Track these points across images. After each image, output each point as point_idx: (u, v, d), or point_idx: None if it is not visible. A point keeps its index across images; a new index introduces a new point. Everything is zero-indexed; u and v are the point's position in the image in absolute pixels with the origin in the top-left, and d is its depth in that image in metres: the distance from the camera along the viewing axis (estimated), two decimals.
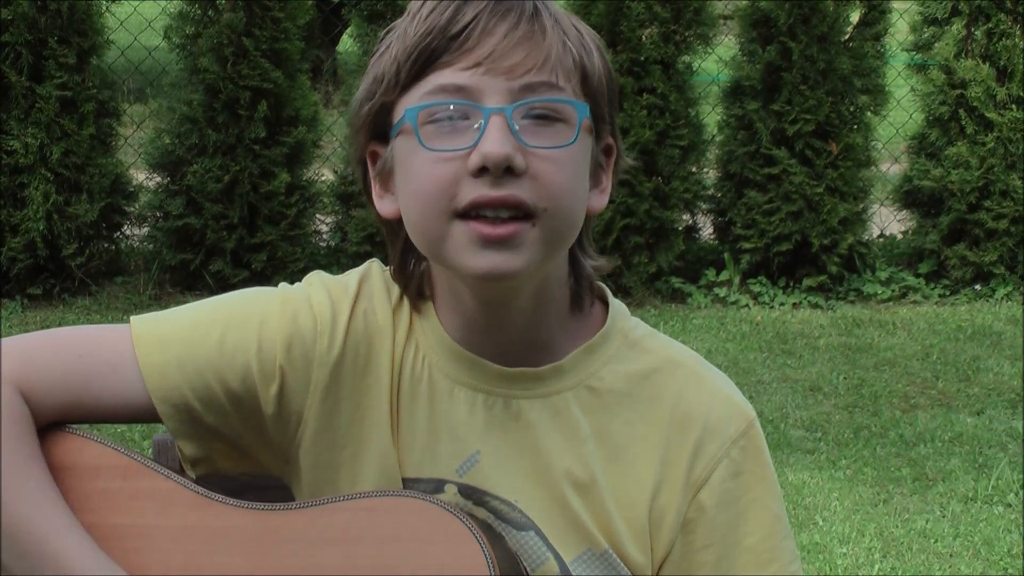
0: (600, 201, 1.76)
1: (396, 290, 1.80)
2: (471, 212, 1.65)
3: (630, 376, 1.78)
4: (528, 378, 1.76)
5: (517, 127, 1.65)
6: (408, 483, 1.75)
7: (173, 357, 1.76)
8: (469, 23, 1.66)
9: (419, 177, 1.68)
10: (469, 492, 1.75)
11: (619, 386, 1.77)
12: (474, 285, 1.71)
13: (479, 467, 1.75)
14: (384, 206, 1.75)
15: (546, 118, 1.66)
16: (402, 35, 1.70)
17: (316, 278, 1.81)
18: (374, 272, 1.82)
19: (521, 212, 1.65)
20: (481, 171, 1.63)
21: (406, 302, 1.80)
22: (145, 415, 1.78)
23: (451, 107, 1.66)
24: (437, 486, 1.75)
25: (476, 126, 1.65)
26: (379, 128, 1.73)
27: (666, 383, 1.78)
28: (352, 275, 1.82)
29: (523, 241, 1.65)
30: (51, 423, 1.78)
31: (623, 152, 1.78)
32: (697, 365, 1.80)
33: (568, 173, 1.67)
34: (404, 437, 1.76)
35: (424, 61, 1.68)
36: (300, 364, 1.75)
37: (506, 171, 1.63)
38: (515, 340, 1.76)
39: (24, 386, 1.75)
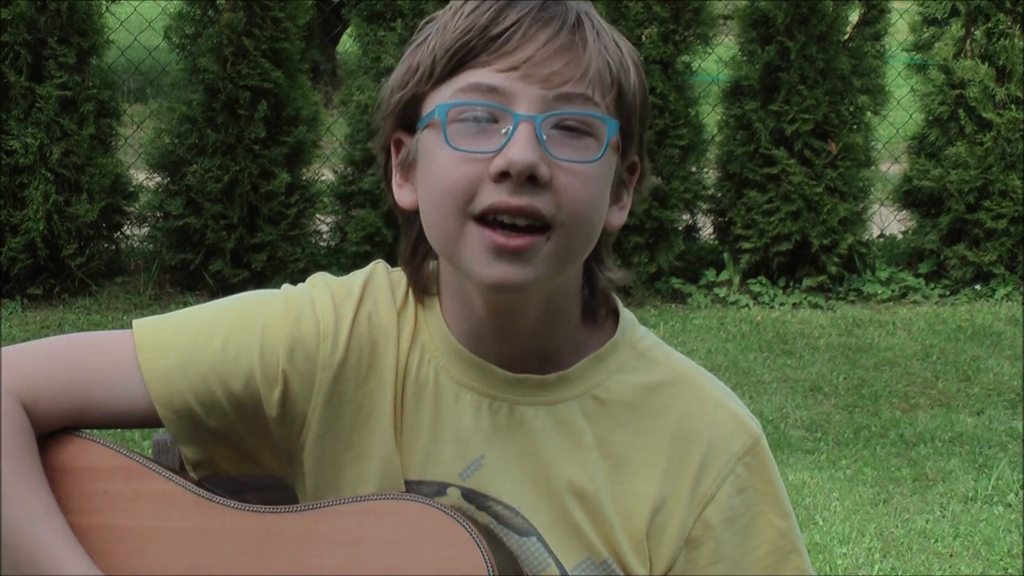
0: (619, 218, 1.75)
1: (401, 292, 1.80)
2: (488, 217, 1.64)
3: (637, 387, 1.77)
4: (533, 385, 1.76)
5: (545, 137, 1.64)
6: (411, 485, 1.75)
7: (175, 362, 1.75)
8: (511, 26, 1.65)
9: (440, 174, 1.67)
10: (472, 496, 1.75)
11: (625, 397, 1.77)
12: (484, 292, 1.70)
13: (483, 471, 1.75)
14: (403, 196, 1.75)
15: (576, 130, 1.66)
16: (442, 29, 1.69)
17: (320, 279, 1.80)
18: (379, 274, 1.81)
19: (538, 223, 1.64)
20: (503, 176, 1.63)
21: (411, 304, 1.79)
22: (147, 420, 1.78)
23: (480, 108, 1.65)
24: (440, 489, 1.75)
25: (504, 131, 1.64)
26: (407, 117, 1.72)
27: (673, 397, 1.77)
28: (356, 277, 1.81)
29: (536, 254, 1.65)
30: (54, 430, 1.77)
31: (648, 171, 1.77)
32: (704, 380, 1.80)
33: (590, 189, 1.66)
34: (407, 439, 1.76)
35: (461, 58, 1.66)
36: (303, 367, 1.75)
37: (528, 179, 1.63)
38: (522, 348, 1.75)
39: (26, 396, 1.75)
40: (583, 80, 1.66)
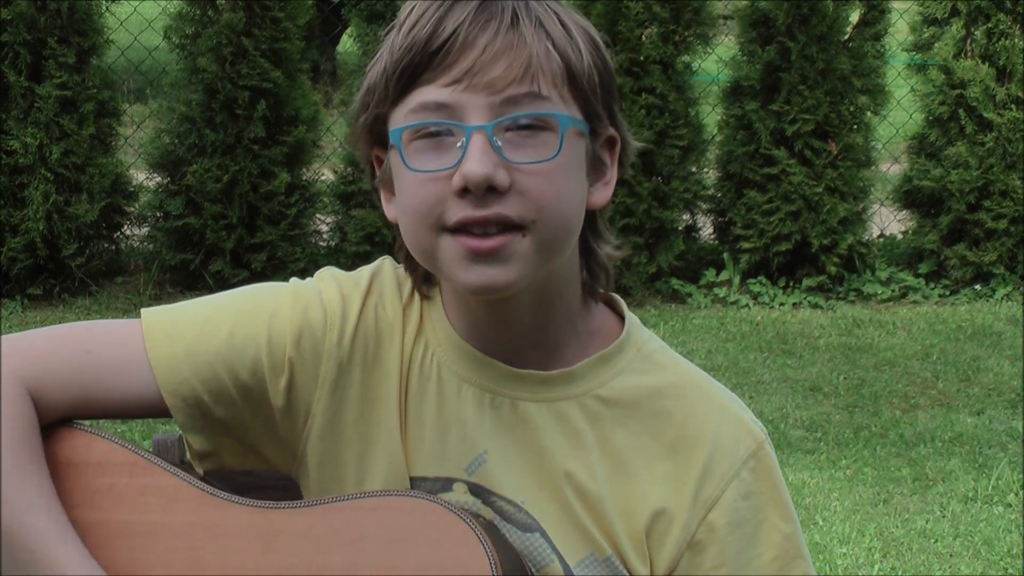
0: (604, 194, 1.75)
1: (407, 287, 1.81)
2: (459, 228, 1.66)
3: (641, 389, 1.77)
4: (537, 380, 1.76)
5: (500, 143, 1.65)
6: (416, 481, 1.75)
7: (183, 350, 1.76)
8: (449, 37, 1.66)
9: (407, 196, 1.69)
10: (478, 491, 1.75)
11: (629, 397, 1.77)
12: (472, 295, 1.72)
13: (487, 466, 1.75)
14: (389, 210, 1.76)
15: (531, 127, 1.66)
16: (389, 48, 1.71)
17: (328, 273, 1.82)
18: (386, 269, 1.82)
19: (510, 226, 1.65)
20: (464, 191, 1.64)
21: (416, 300, 1.80)
22: (154, 409, 1.78)
23: (432, 127, 1.66)
24: (446, 484, 1.75)
25: (459, 144, 1.65)
26: (378, 135, 1.74)
27: (677, 400, 1.77)
28: (364, 271, 1.82)
29: (513, 252, 1.66)
30: (59, 420, 1.77)
31: (629, 139, 1.77)
32: (709, 385, 1.80)
33: (555, 184, 1.67)
34: (412, 435, 1.77)
35: (408, 78, 1.68)
36: (309, 357, 1.76)
37: (489, 190, 1.64)
38: (523, 340, 1.76)
39: (32, 384, 1.75)
40: (526, 78, 1.66)
